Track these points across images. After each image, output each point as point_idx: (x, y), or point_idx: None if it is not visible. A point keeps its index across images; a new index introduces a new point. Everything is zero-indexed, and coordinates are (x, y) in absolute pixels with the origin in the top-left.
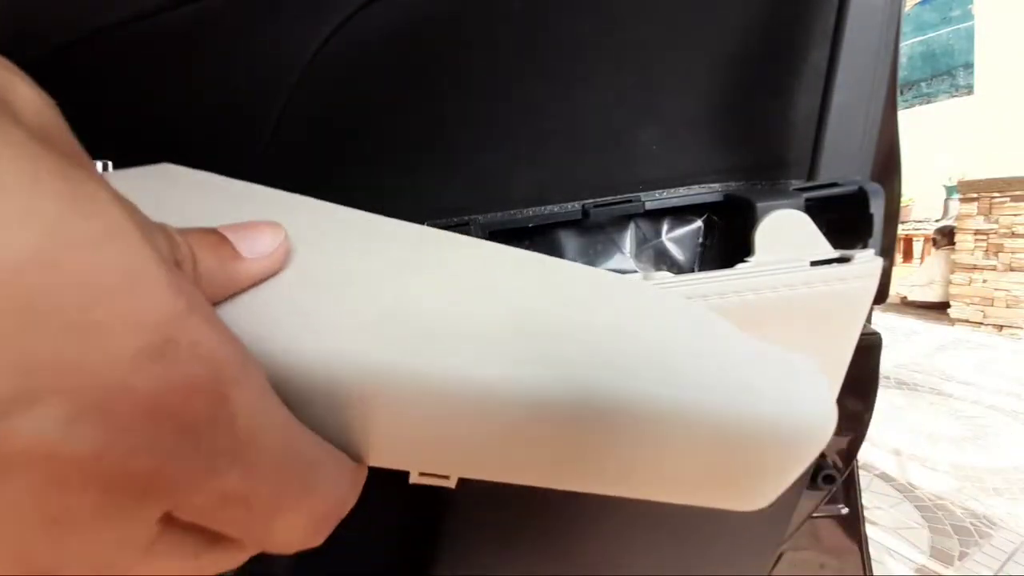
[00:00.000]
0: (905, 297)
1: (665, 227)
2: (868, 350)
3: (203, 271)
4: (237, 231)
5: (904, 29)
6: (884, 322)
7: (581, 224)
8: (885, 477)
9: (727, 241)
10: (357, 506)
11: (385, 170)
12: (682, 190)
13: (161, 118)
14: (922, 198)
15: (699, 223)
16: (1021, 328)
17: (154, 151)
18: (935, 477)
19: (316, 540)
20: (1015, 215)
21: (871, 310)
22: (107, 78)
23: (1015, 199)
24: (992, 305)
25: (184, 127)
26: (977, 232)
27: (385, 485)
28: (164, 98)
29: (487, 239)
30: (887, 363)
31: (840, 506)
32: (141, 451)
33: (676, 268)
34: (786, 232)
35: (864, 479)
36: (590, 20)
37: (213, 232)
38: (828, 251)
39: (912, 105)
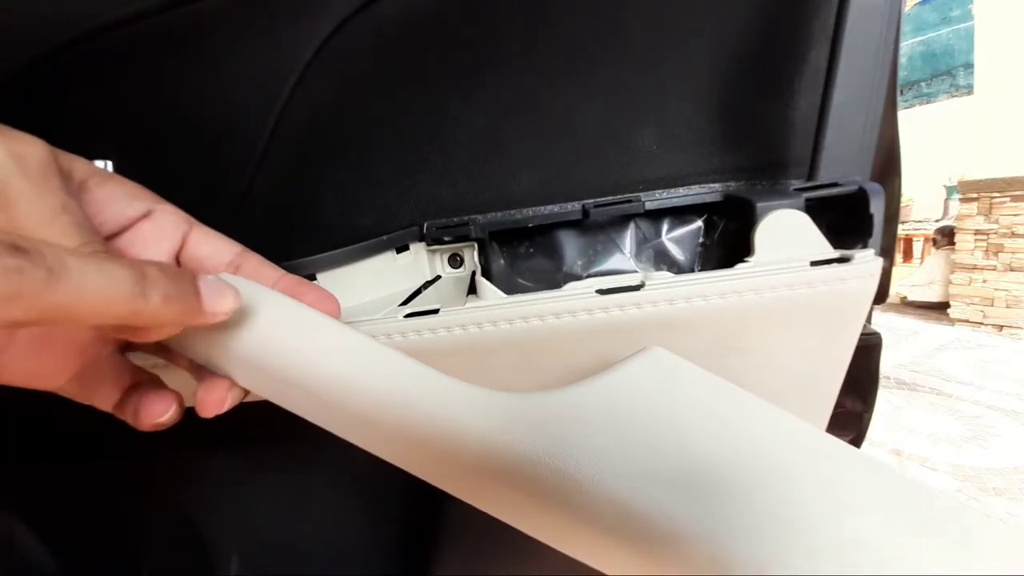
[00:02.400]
0: (905, 297)
1: (665, 227)
2: (868, 350)
3: (160, 292)
4: (209, 287)
5: (904, 29)
6: (884, 322)
7: (581, 224)
8: None
9: (727, 241)
10: (357, 507)
11: (385, 170)
12: (682, 190)
13: (161, 118)
14: (922, 198)
15: (699, 223)
16: (1021, 328)
17: (154, 151)
18: (935, 477)
19: None
20: (1015, 215)
21: (871, 310)
22: (107, 78)
23: (1015, 199)
24: (992, 305)
25: (184, 127)
26: (977, 232)
27: (386, 485)
28: (164, 98)
29: (487, 239)
30: (887, 363)
31: None
32: None
33: (676, 268)
34: (786, 232)
35: None
36: (590, 20)
37: (185, 272)
38: (828, 251)
39: (912, 105)
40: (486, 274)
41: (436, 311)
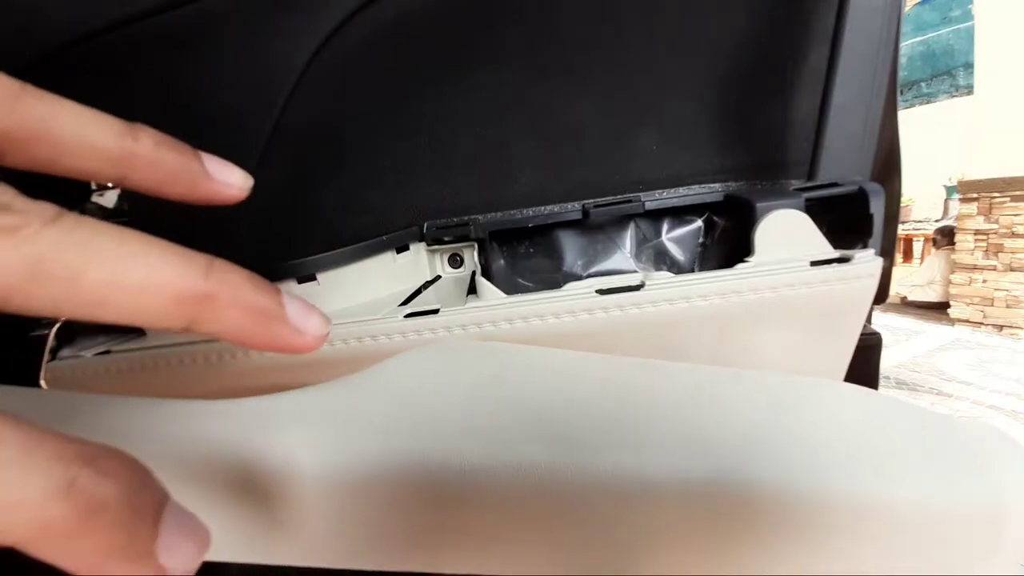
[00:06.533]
0: (905, 297)
1: (665, 227)
2: (868, 350)
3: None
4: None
5: (904, 29)
6: (884, 322)
7: (581, 224)
8: None
9: (727, 241)
10: None
11: (385, 170)
12: (682, 190)
13: (160, 118)
14: (922, 198)
15: (699, 223)
16: (1021, 328)
17: None
18: None
19: None
20: (1015, 215)
21: (871, 310)
22: (107, 78)
23: (1015, 199)
24: (992, 305)
25: (183, 128)
26: (977, 232)
27: None
28: (163, 98)
29: (487, 239)
30: (887, 363)
31: None
32: None
33: (676, 268)
34: (786, 232)
35: None
36: (590, 20)
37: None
38: (828, 251)
39: (912, 105)
40: (486, 274)
41: (436, 311)
